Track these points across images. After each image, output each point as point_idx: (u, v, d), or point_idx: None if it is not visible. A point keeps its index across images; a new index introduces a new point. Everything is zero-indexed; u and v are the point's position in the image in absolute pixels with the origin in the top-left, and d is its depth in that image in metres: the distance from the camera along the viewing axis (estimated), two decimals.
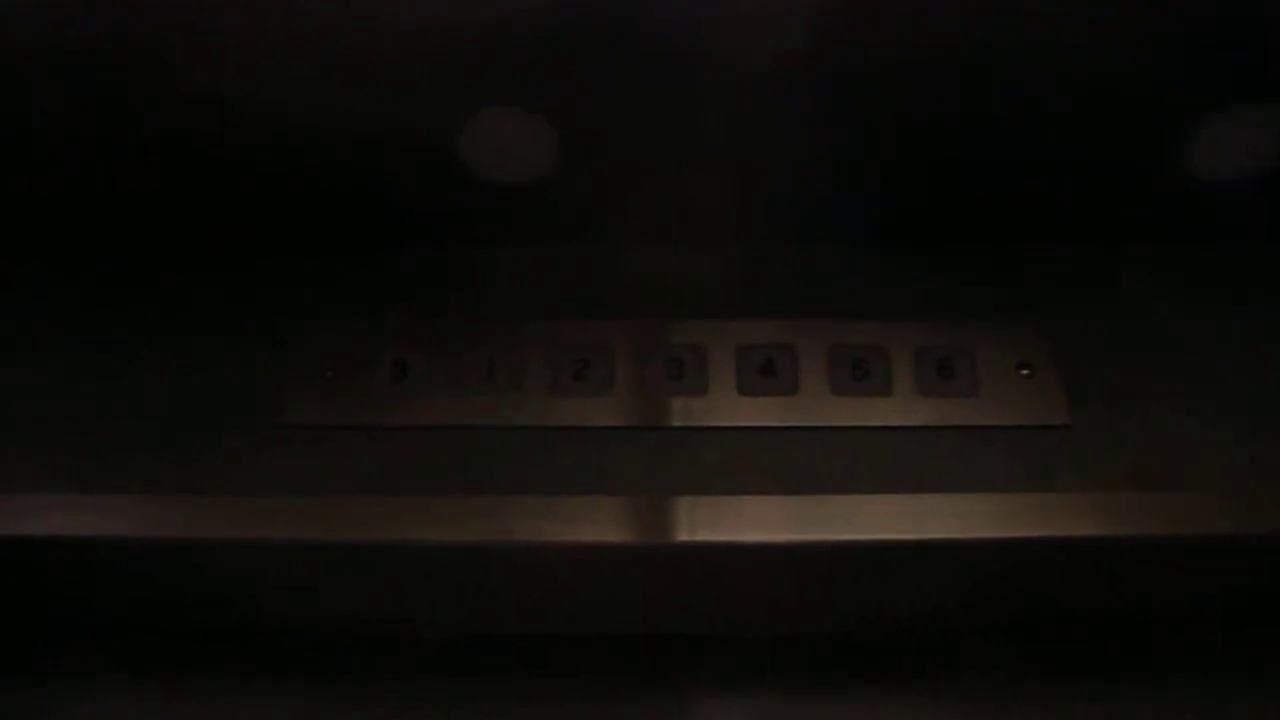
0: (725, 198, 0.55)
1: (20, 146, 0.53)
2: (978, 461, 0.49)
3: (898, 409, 0.51)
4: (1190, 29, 0.47)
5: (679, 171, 0.54)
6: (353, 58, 0.49)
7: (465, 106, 0.51)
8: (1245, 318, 0.54)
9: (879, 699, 0.53)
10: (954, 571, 0.50)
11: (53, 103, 0.51)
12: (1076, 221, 0.55)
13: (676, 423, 0.51)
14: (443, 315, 0.55)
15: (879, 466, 0.50)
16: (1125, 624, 0.53)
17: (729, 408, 0.51)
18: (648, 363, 0.52)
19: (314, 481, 0.50)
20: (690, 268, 0.56)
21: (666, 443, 0.51)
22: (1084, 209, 0.55)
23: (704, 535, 0.48)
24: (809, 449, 0.50)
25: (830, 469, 0.50)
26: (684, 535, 0.48)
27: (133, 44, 0.48)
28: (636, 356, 0.53)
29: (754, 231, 0.56)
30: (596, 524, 0.48)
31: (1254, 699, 0.52)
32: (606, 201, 0.55)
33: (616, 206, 0.55)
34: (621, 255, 0.56)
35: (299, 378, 0.53)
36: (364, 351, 0.53)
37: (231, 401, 0.52)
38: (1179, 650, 0.53)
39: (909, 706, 0.53)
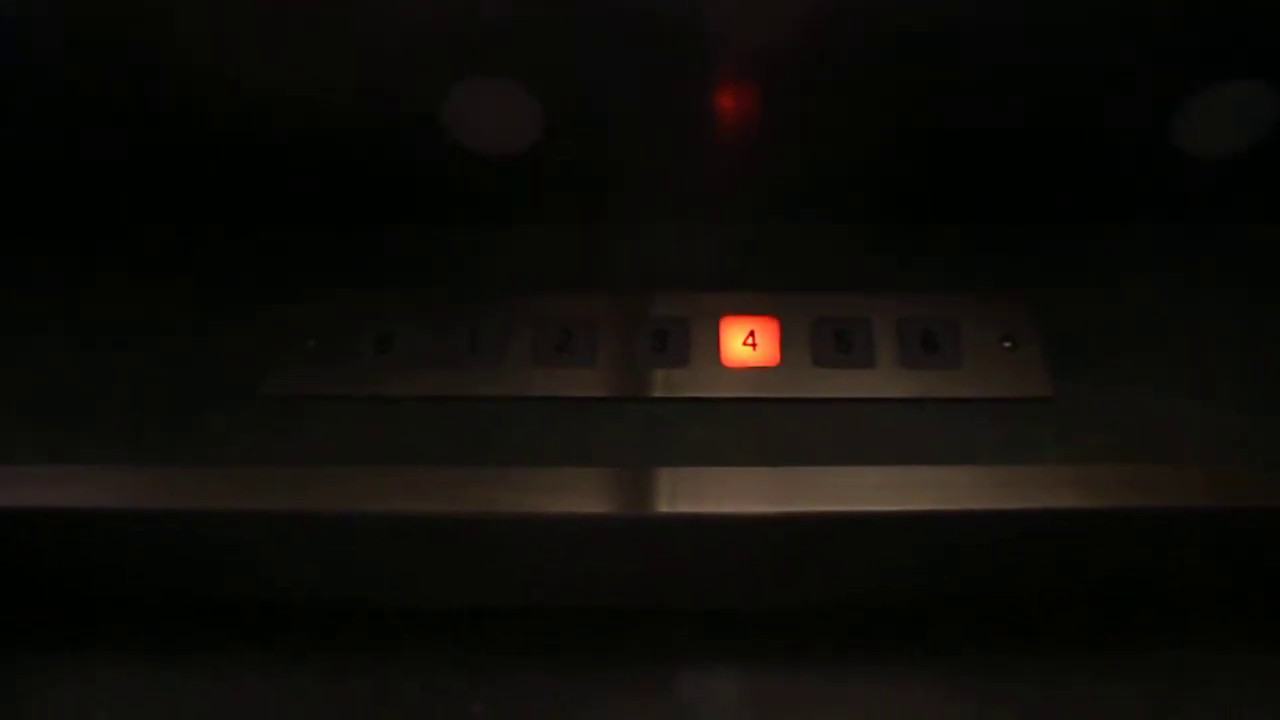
0: (710, 173, 0.55)
1: None
2: (960, 433, 0.49)
3: (881, 381, 0.51)
4: (1184, 7, 0.47)
5: (665, 147, 0.54)
6: (339, 28, 0.49)
7: (452, 80, 0.50)
8: (1226, 296, 0.53)
9: (862, 672, 0.53)
10: (937, 544, 0.50)
11: (29, 73, 0.51)
12: (1060, 198, 0.55)
13: (659, 394, 0.51)
14: (427, 288, 0.55)
15: (862, 439, 0.49)
16: (1106, 597, 0.53)
17: (712, 379, 0.51)
18: (631, 335, 0.52)
19: (296, 452, 0.50)
20: (674, 242, 0.55)
21: (649, 414, 0.51)
22: (1069, 186, 0.55)
23: (686, 506, 0.48)
24: (792, 421, 0.50)
25: (813, 441, 0.49)
26: (666, 506, 0.48)
27: (114, 12, 0.48)
28: (620, 328, 0.53)
29: (739, 206, 0.56)
30: (579, 495, 0.48)
31: (1234, 671, 0.52)
32: (592, 177, 0.55)
33: (602, 182, 0.55)
34: (606, 230, 0.56)
35: (282, 349, 0.53)
36: (348, 323, 0.53)
37: (214, 372, 0.52)
38: (1159, 622, 0.53)
39: (892, 679, 0.53)
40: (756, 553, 0.51)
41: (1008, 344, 0.52)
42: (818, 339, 0.52)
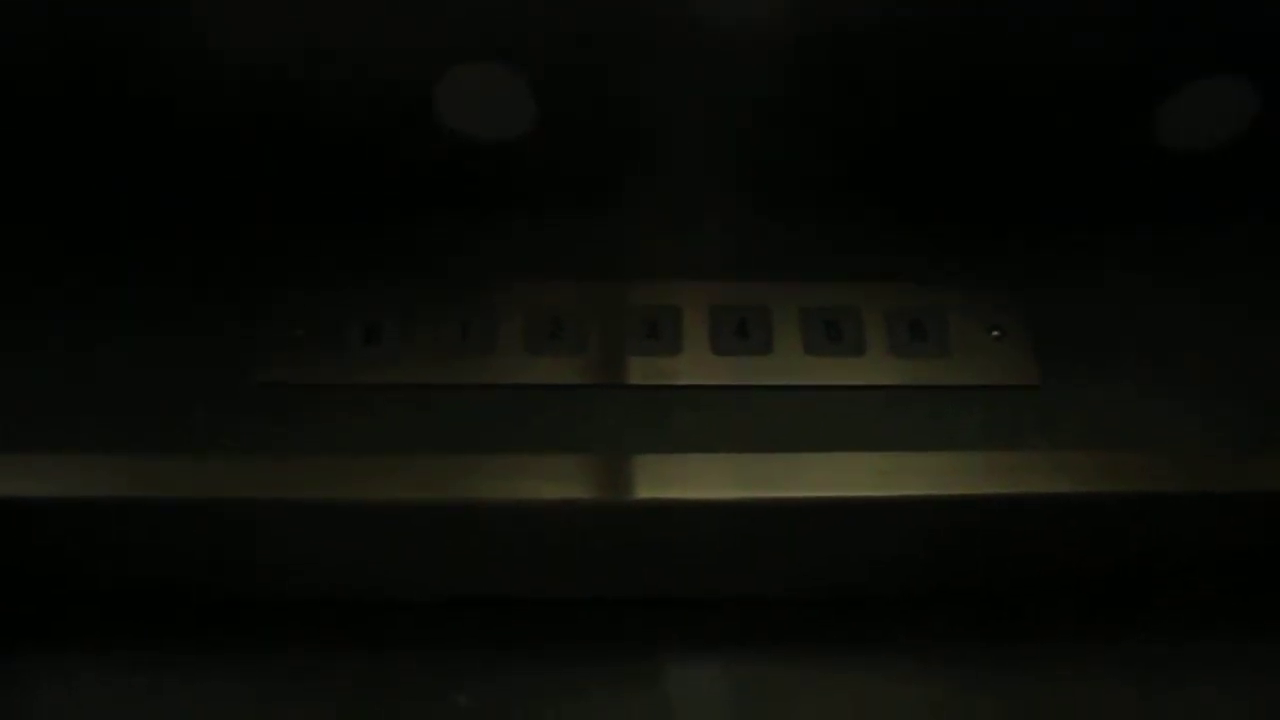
0: (701, 161, 0.55)
1: None
2: (948, 420, 0.50)
3: (870, 369, 0.51)
4: (1166, 3, 0.48)
5: (654, 135, 0.54)
6: (327, 14, 0.49)
7: (443, 67, 0.50)
8: (1207, 291, 0.55)
9: (848, 660, 0.53)
10: (925, 528, 0.50)
11: (19, 59, 0.50)
12: (1049, 191, 0.56)
13: (651, 381, 0.51)
14: (417, 277, 0.54)
15: (851, 425, 0.50)
16: (1091, 585, 0.54)
17: (703, 367, 0.52)
18: (622, 323, 0.53)
19: (285, 441, 0.50)
20: (666, 231, 0.56)
21: (640, 401, 0.51)
22: (1057, 180, 0.56)
23: (676, 492, 0.48)
24: (782, 408, 0.51)
25: (803, 427, 0.50)
26: (657, 492, 0.48)
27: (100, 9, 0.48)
28: (611, 316, 0.53)
29: (731, 196, 0.56)
30: (569, 481, 0.49)
31: (1217, 655, 0.53)
32: (584, 165, 0.55)
33: (591, 170, 0.56)
34: (598, 218, 0.56)
35: (271, 338, 0.52)
36: (337, 313, 0.53)
37: (203, 362, 0.52)
38: (1143, 610, 0.54)
39: (878, 668, 0.53)
40: (746, 539, 0.51)
41: (996, 334, 0.52)
42: (808, 327, 0.52)
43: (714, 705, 0.53)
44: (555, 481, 0.48)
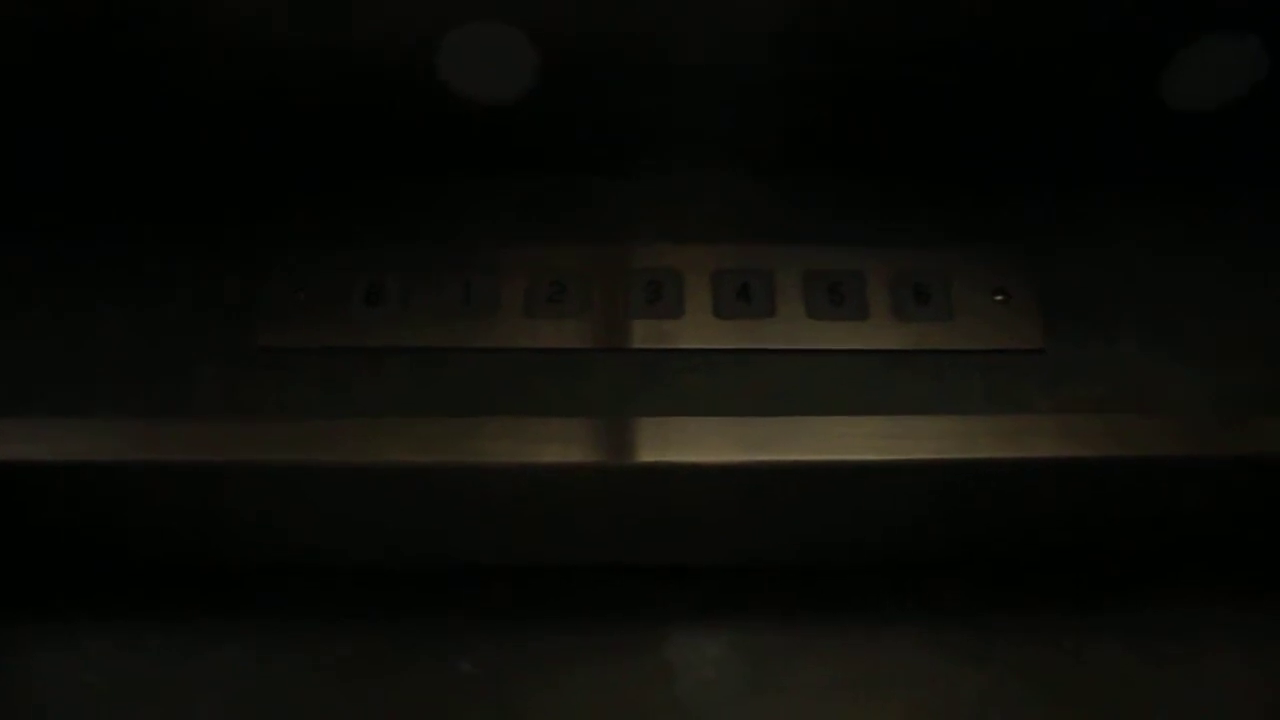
0: (703, 124, 0.55)
1: None
2: (952, 384, 0.50)
3: (874, 333, 0.51)
4: None
5: (658, 98, 0.54)
6: None
7: (444, 26, 0.50)
8: (1213, 254, 0.54)
9: (852, 628, 0.53)
10: (928, 492, 0.50)
11: (17, 21, 0.50)
12: (1052, 154, 0.56)
13: (653, 345, 0.51)
14: (418, 240, 0.54)
15: (854, 389, 0.50)
16: (1094, 551, 0.54)
17: (705, 330, 0.51)
18: (624, 286, 0.52)
19: (286, 404, 0.50)
20: (668, 194, 0.55)
21: (642, 365, 0.51)
22: (1060, 143, 0.56)
23: (677, 455, 0.48)
24: (784, 371, 0.50)
25: (805, 391, 0.50)
26: (658, 455, 0.48)
27: None
28: (613, 280, 0.53)
29: (734, 159, 0.56)
30: (571, 444, 0.48)
31: (1225, 622, 0.52)
32: (585, 127, 0.55)
33: (595, 132, 0.55)
34: (600, 181, 0.56)
35: (272, 300, 0.52)
36: (339, 276, 0.53)
37: (205, 325, 0.52)
38: (1146, 577, 0.54)
39: (881, 636, 0.53)
40: (748, 503, 0.51)
41: (999, 297, 0.52)
42: (811, 291, 0.52)
43: (716, 672, 0.53)
44: (557, 444, 0.48)
